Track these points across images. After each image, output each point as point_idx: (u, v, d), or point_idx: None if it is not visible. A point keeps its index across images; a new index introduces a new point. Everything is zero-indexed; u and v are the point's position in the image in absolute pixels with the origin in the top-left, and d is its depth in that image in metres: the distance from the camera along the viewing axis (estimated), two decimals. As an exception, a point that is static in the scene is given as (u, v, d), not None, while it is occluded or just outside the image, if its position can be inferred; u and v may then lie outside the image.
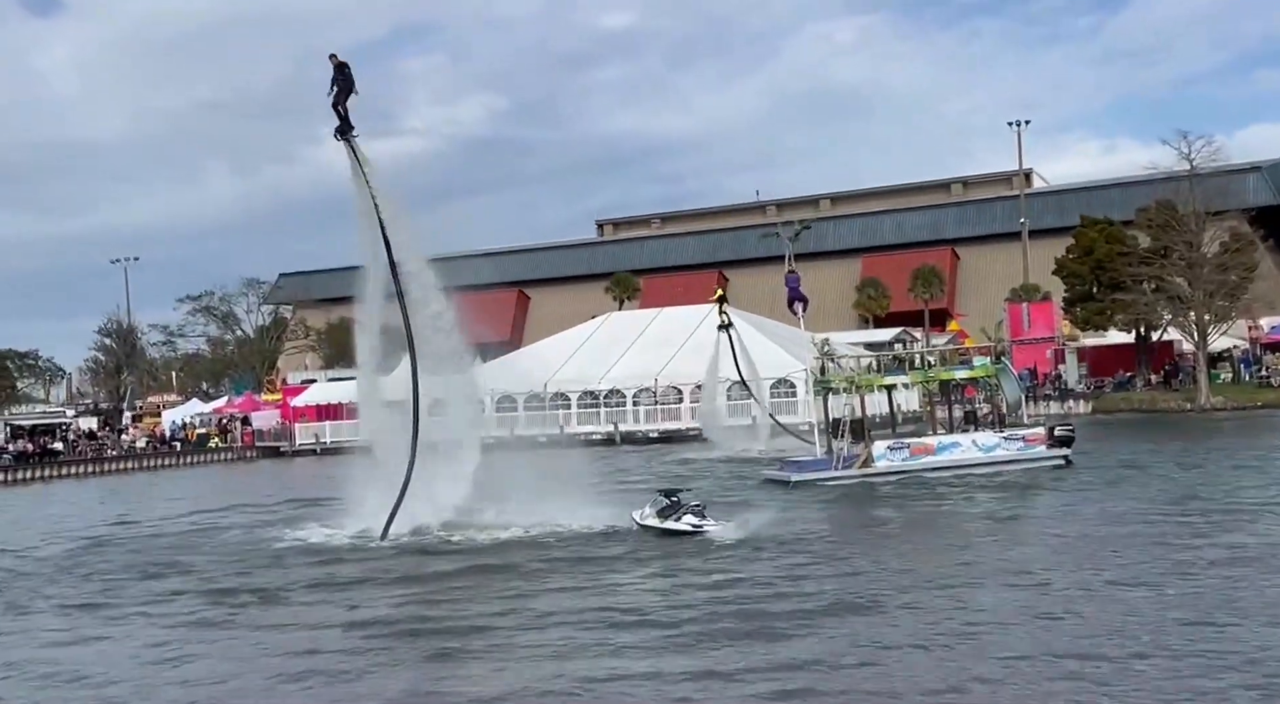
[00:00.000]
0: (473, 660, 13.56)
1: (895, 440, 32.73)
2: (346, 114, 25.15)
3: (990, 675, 11.69)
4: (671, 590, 17.05)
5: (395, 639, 14.77)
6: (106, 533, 29.02)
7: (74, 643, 15.89)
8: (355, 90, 25.25)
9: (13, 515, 37.90)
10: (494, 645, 14.23)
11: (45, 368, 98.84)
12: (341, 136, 25.29)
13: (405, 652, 14.11)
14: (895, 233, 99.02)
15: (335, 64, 25.17)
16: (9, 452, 60.20)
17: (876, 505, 26.73)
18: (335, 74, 25.10)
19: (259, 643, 15.15)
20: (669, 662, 12.80)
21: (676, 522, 22.56)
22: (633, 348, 63.69)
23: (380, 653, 14.11)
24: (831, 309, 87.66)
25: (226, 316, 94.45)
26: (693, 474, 37.36)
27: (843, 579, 17.11)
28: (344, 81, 25.08)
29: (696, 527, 22.44)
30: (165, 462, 63.93)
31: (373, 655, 13.99)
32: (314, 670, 13.29)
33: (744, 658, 12.78)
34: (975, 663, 12.15)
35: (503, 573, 19.22)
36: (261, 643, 15.13)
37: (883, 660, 12.52)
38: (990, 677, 11.65)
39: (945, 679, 11.58)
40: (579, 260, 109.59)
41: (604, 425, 60.70)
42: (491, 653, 13.83)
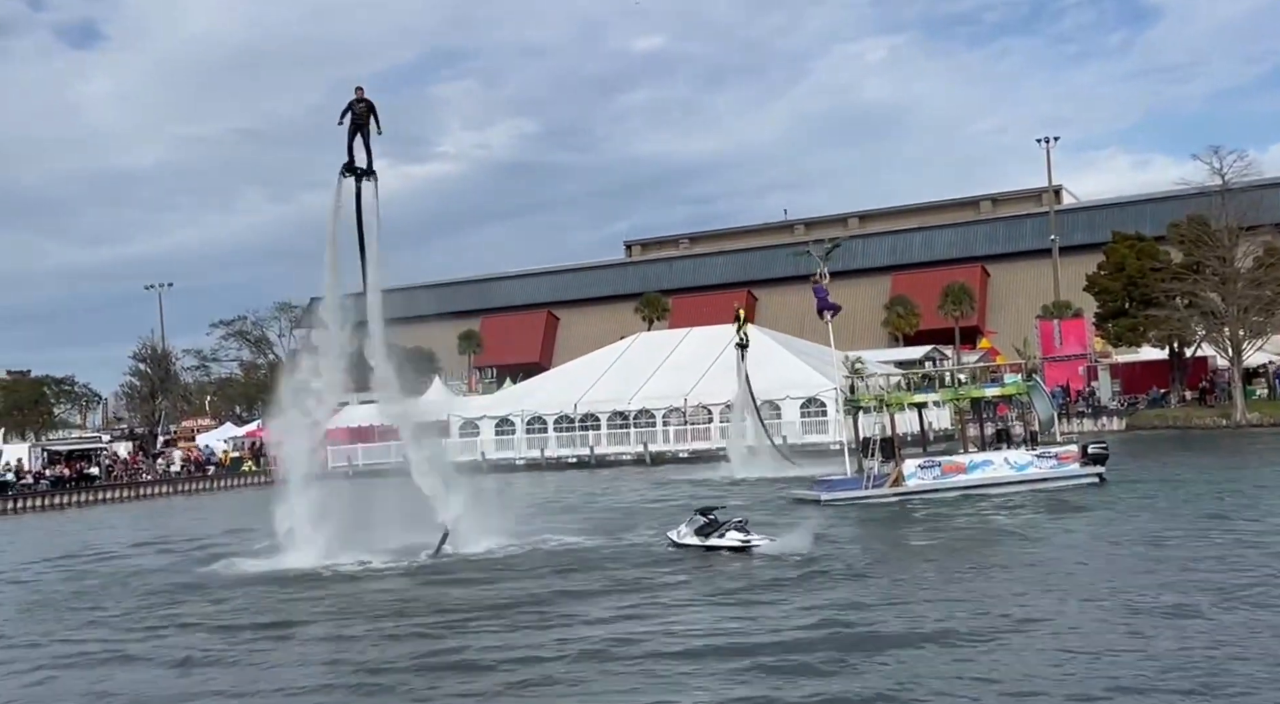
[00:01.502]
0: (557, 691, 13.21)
1: (926, 459, 32.56)
2: (369, 157, 25.30)
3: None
4: (741, 618, 16.50)
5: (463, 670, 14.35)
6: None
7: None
8: (380, 130, 25.45)
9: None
10: (570, 675, 13.60)
11: (81, 393, 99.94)
12: (356, 177, 25.24)
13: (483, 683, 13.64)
14: (925, 250, 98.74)
15: (362, 100, 25.20)
16: (46, 477, 60.84)
17: (912, 525, 26.55)
18: (359, 109, 25.12)
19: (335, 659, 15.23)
20: (748, 690, 12.46)
21: (720, 538, 22.59)
22: (662, 368, 63.71)
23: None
24: (861, 327, 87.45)
25: (259, 341, 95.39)
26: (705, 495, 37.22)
27: (893, 607, 16.69)
28: (372, 120, 25.21)
29: (745, 542, 22.48)
30: (200, 486, 64.46)
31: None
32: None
33: (814, 687, 12.46)
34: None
35: (550, 600, 18.63)
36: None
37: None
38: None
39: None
40: (608, 281, 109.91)
41: (634, 446, 60.69)
42: (572, 684, 13.27)
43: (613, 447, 61.32)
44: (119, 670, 15.58)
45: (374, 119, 25.46)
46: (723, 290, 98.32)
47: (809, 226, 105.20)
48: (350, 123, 25.28)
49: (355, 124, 25.30)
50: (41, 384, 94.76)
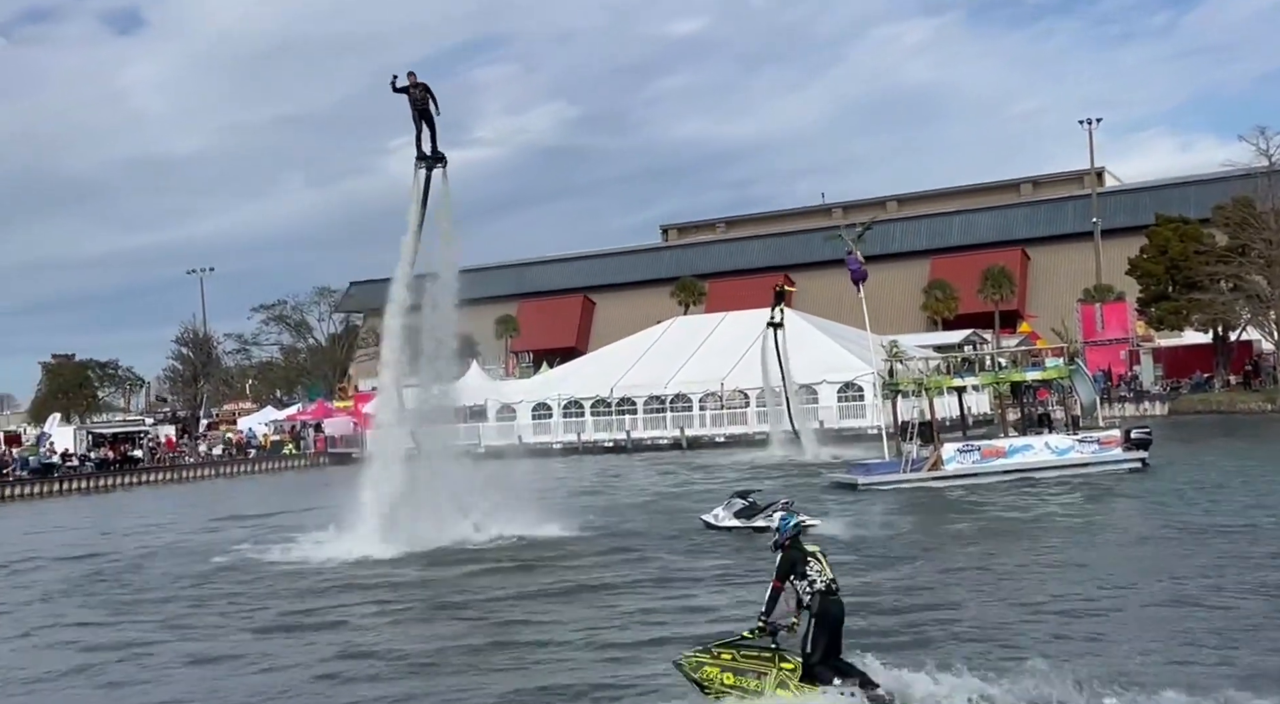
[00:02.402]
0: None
1: (965, 443, 32.35)
2: (434, 144, 25.42)
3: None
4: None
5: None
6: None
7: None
8: (438, 110, 25.52)
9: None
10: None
11: (125, 377, 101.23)
12: (428, 166, 25.40)
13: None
14: (964, 234, 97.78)
15: (416, 84, 25.16)
16: (91, 460, 61.76)
17: (951, 510, 26.37)
18: (417, 95, 25.10)
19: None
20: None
21: (767, 519, 22.64)
22: (699, 352, 63.64)
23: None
24: (899, 311, 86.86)
25: (299, 325, 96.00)
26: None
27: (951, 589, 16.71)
28: (431, 103, 25.21)
29: (818, 521, 22.60)
30: (240, 468, 65.17)
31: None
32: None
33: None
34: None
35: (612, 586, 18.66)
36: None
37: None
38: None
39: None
40: (644, 265, 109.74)
41: (670, 430, 60.72)
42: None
43: (649, 431, 61.38)
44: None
45: (432, 100, 25.50)
46: (759, 274, 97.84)
47: (847, 210, 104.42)
48: (413, 111, 25.32)
49: (418, 111, 25.31)
50: (86, 368, 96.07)
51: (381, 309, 27.05)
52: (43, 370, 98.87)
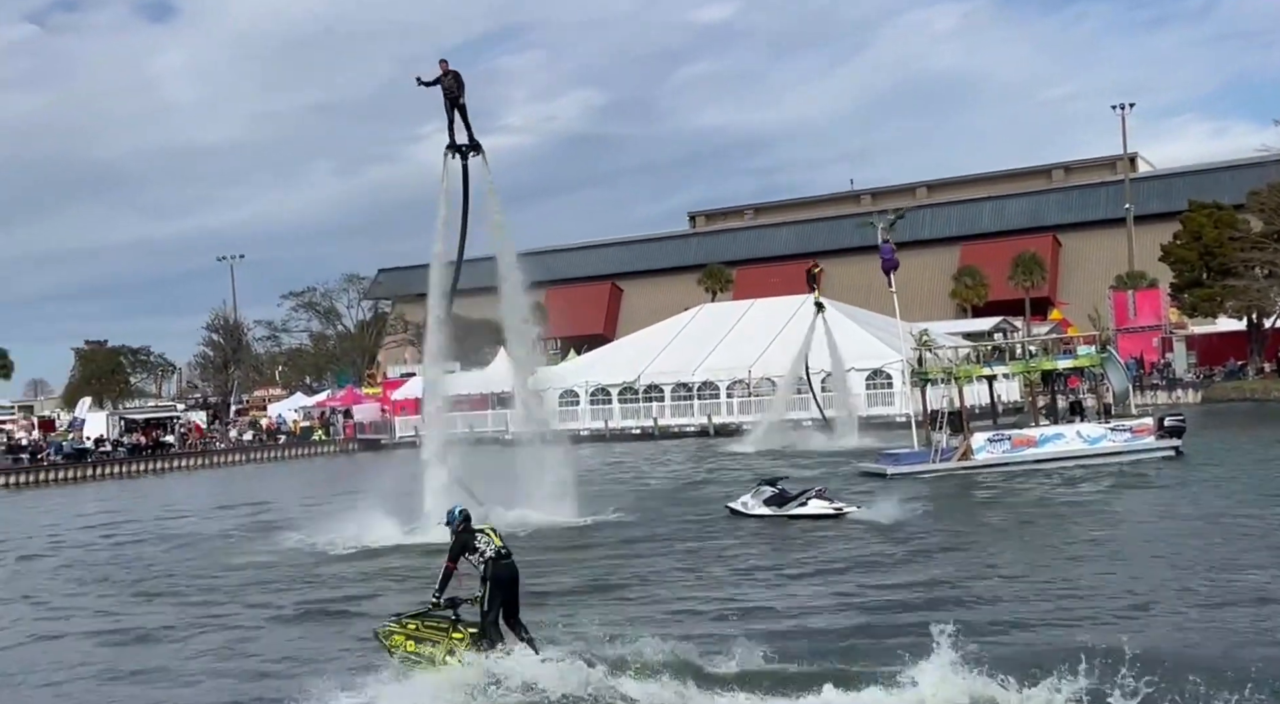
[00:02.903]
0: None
1: (996, 432, 32.08)
2: (470, 133, 25.24)
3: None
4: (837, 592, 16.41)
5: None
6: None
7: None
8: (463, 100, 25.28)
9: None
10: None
11: (157, 363, 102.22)
12: (463, 155, 25.23)
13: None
14: (994, 220, 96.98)
15: (448, 73, 24.94)
16: (123, 445, 62.37)
17: (981, 499, 26.19)
18: (449, 83, 24.89)
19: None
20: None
21: (802, 506, 22.64)
22: (726, 339, 63.48)
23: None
24: (928, 298, 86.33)
25: (328, 312, 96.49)
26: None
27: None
28: (459, 94, 24.99)
29: (838, 509, 22.63)
30: (270, 454, 65.67)
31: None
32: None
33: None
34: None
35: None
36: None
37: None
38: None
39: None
40: (671, 252, 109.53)
41: (698, 417, 60.63)
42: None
43: (676, 418, 61.32)
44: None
45: (460, 88, 25.24)
46: (787, 261, 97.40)
47: (875, 197, 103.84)
48: (445, 100, 25.07)
49: (450, 99, 25.05)
50: (118, 354, 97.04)
51: (409, 296, 27.21)
52: (76, 356, 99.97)
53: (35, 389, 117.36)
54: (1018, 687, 10.41)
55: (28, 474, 54.35)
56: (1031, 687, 10.40)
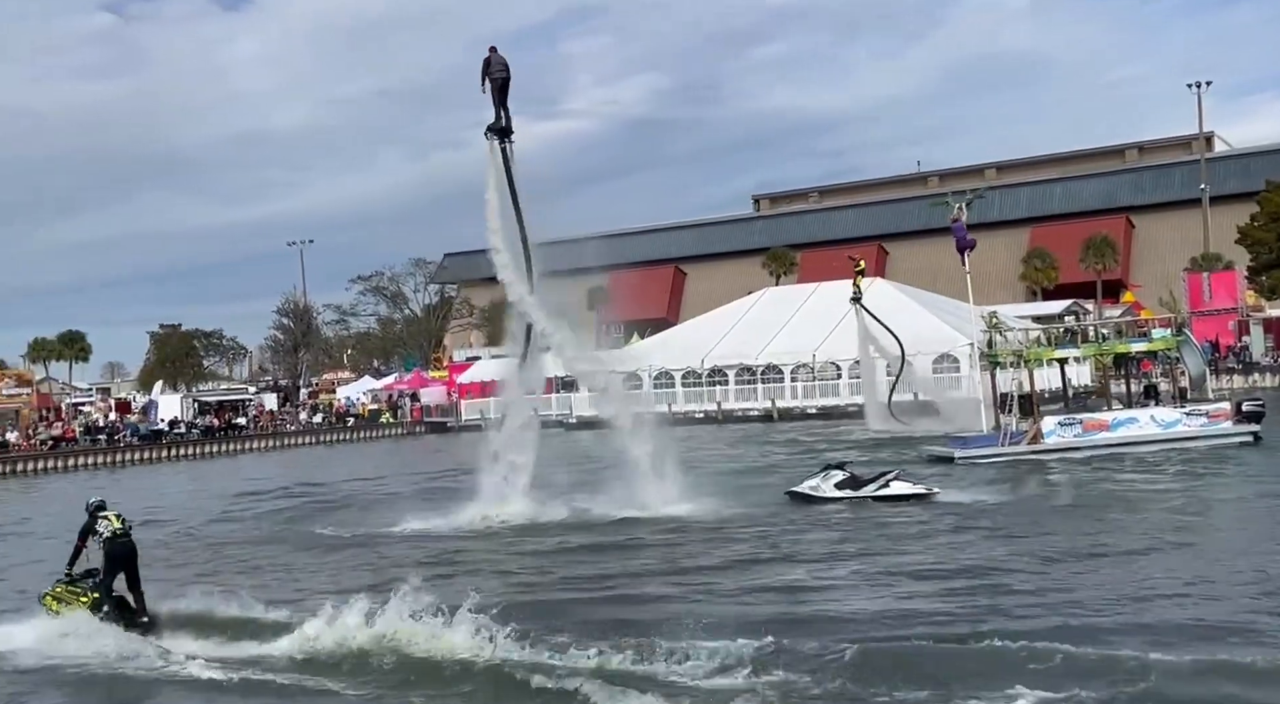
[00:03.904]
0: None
1: (1067, 416, 31.58)
2: (508, 117, 25.13)
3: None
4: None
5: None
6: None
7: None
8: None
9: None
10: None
11: (229, 347, 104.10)
12: (499, 138, 25.14)
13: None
14: (1065, 201, 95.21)
15: (496, 58, 24.88)
16: (197, 427, 63.73)
17: (1051, 484, 25.76)
18: (498, 69, 24.81)
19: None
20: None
21: (884, 488, 22.56)
22: (790, 323, 63.10)
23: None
24: (997, 281, 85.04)
25: (395, 296, 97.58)
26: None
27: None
28: (496, 76, 24.88)
29: (927, 490, 22.81)
30: (339, 436, 66.68)
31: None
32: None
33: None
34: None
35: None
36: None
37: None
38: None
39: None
40: (735, 236, 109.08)
41: (761, 402, 60.40)
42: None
43: (740, 402, 61.14)
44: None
45: (505, 70, 25.20)
46: (853, 244, 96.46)
47: (943, 178, 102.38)
48: (492, 84, 25.04)
49: (497, 84, 25.02)
50: (191, 337, 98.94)
51: (475, 280, 27.20)
52: (150, 340, 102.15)
53: (112, 372, 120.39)
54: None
55: (105, 455, 55.78)
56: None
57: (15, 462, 52.13)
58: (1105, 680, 10.35)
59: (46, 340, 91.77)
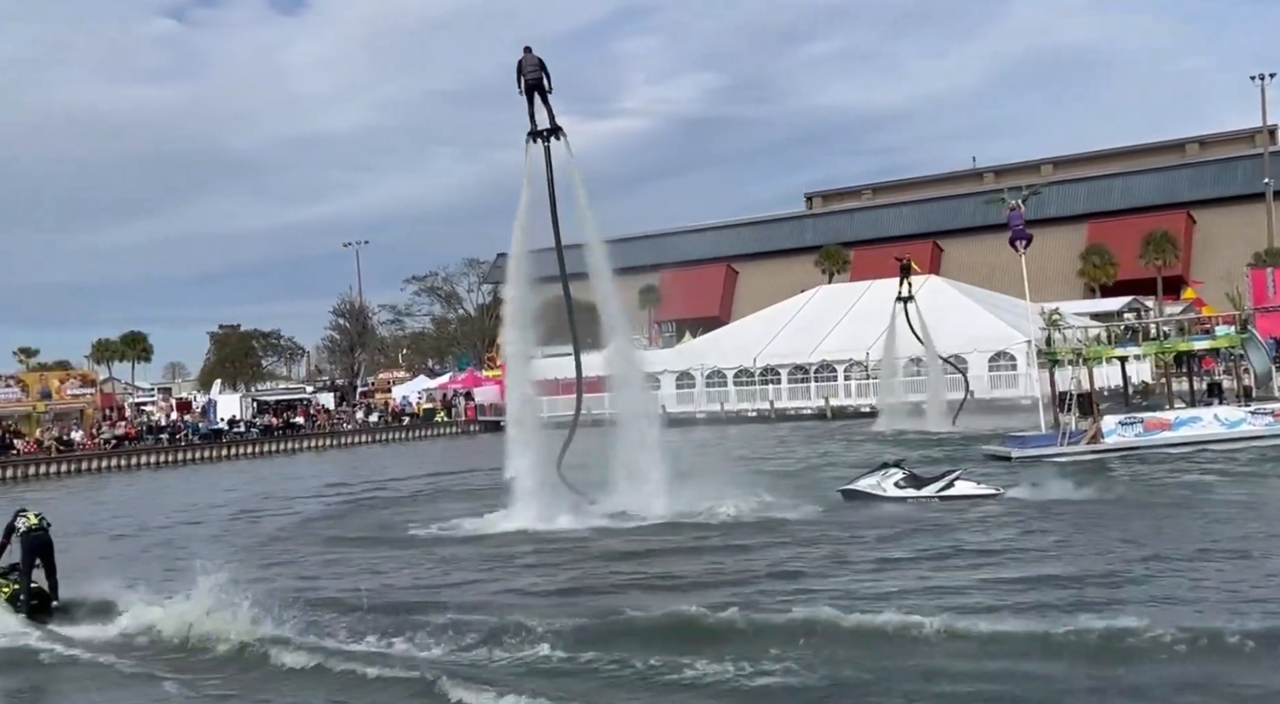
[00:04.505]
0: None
1: (1127, 415, 31.09)
2: (552, 118, 24.95)
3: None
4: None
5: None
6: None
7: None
8: (550, 86, 24.97)
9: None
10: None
11: (287, 347, 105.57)
12: (545, 140, 24.95)
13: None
14: (1124, 197, 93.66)
15: (528, 59, 24.69)
16: (256, 425, 64.67)
17: (1113, 484, 25.39)
18: (530, 70, 24.61)
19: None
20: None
21: (949, 487, 22.43)
22: (843, 321, 62.77)
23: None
24: (1054, 278, 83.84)
25: (449, 296, 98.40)
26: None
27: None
28: (531, 77, 24.71)
29: (997, 490, 22.75)
30: (395, 435, 67.32)
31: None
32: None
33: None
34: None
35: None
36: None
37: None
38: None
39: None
40: (788, 234, 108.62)
41: (814, 400, 60.14)
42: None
43: (792, 401, 60.95)
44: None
45: (546, 76, 25.00)
46: (906, 242, 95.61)
47: (999, 174, 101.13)
48: (525, 85, 24.87)
49: (530, 85, 24.86)
50: (250, 337, 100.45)
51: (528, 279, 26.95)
52: (210, 340, 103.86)
53: (173, 372, 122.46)
54: None
55: (167, 454, 56.79)
56: None
57: (80, 460, 53.24)
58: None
59: (110, 341, 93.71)
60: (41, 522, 16.06)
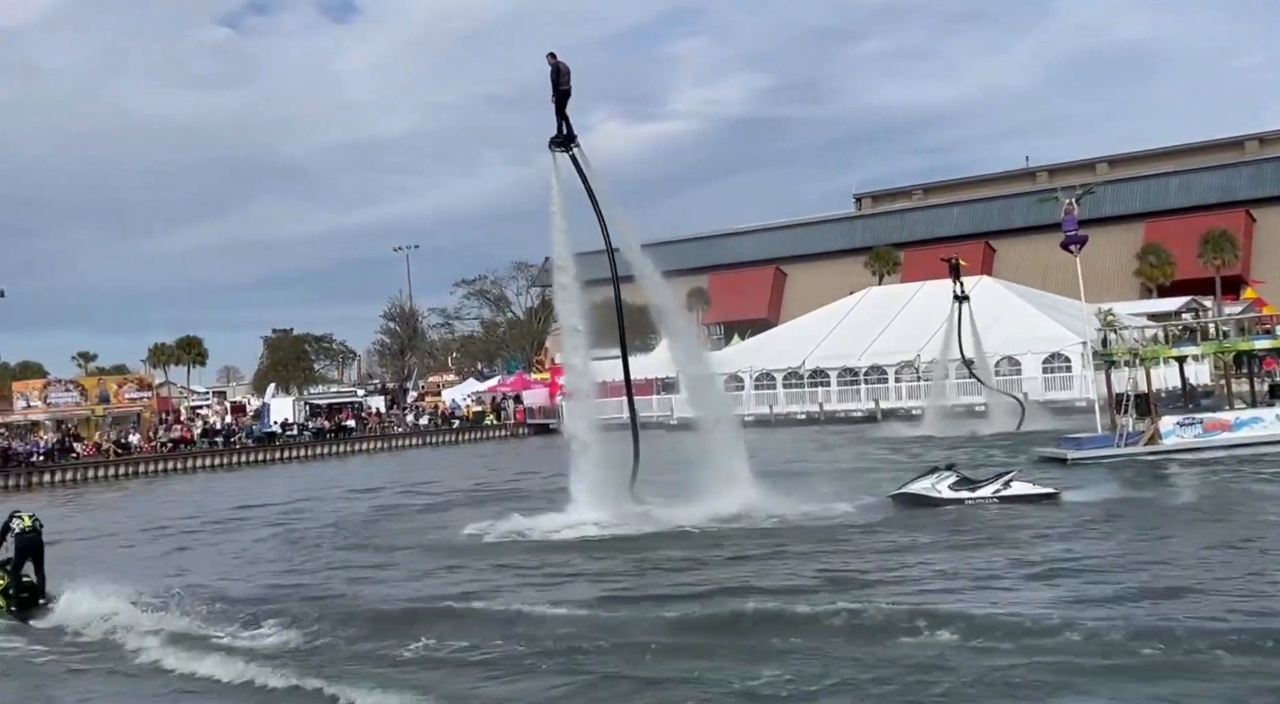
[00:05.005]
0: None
1: (1186, 416, 30.48)
2: (570, 125, 24.80)
3: None
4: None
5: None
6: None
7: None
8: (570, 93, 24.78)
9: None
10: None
11: (339, 350, 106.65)
12: (562, 148, 24.81)
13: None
14: (1182, 195, 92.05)
15: (554, 65, 24.50)
16: (308, 429, 65.30)
17: (1174, 486, 24.87)
18: (555, 77, 24.45)
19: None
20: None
21: (1006, 488, 22.22)
22: (893, 323, 62.20)
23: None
24: (1109, 278, 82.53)
25: (498, 299, 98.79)
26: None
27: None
28: (565, 87, 24.57)
29: (1054, 490, 22.52)
30: (445, 438, 67.67)
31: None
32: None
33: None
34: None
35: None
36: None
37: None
38: None
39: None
40: (837, 235, 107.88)
41: (864, 403, 59.63)
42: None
43: (842, 403, 60.46)
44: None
45: (567, 78, 24.75)
46: (958, 243, 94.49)
47: (1053, 174, 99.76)
48: (554, 92, 24.65)
49: (561, 92, 24.67)
50: (302, 341, 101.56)
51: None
52: (264, 344, 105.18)
53: (228, 375, 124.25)
54: None
55: (221, 456, 57.54)
56: None
57: (138, 463, 54.08)
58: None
59: (166, 345, 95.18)
60: (35, 523, 17.47)
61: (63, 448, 53.77)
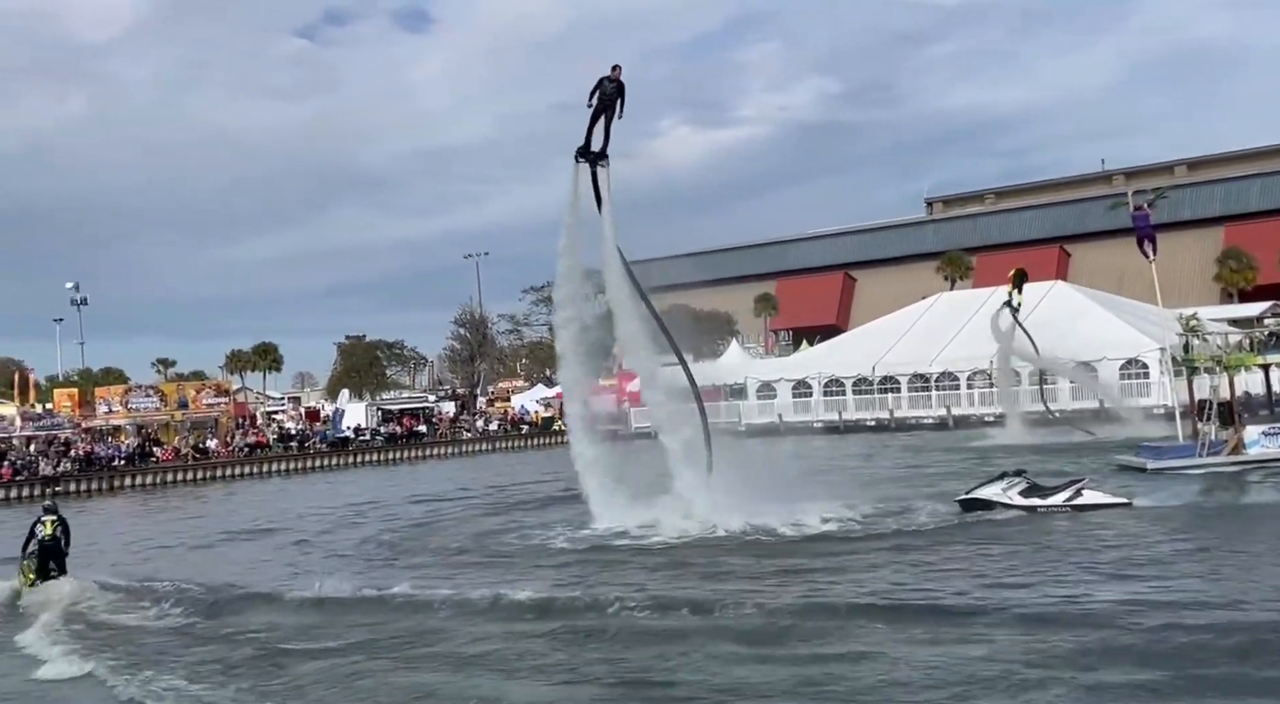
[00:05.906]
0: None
1: (1272, 425, 29.62)
2: (607, 141, 24.82)
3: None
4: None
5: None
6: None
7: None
8: (621, 114, 24.74)
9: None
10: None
11: (410, 356, 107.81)
12: (591, 161, 25.02)
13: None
14: (1264, 198, 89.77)
15: (614, 80, 24.38)
16: (380, 434, 66.16)
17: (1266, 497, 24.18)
18: (609, 89, 24.36)
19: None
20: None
21: (1078, 496, 21.97)
22: (965, 329, 61.32)
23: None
24: (1188, 283, 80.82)
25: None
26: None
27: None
28: (618, 103, 24.51)
29: (1127, 499, 22.39)
30: (514, 443, 68.12)
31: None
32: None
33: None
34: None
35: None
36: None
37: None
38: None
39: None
40: (908, 240, 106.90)
41: (935, 409, 58.91)
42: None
43: (913, 410, 59.81)
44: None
45: (620, 102, 24.64)
46: (1031, 247, 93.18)
47: (1129, 177, 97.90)
48: (597, 103, 24.49)
49: (603, 104, 24.52)
50: (375, 348, 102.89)
51: (640, 289, 27.10)
52: (337, 350, 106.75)
53: (302, 381, 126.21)
54: None
55: (297, 461, 58.51)
56: None
57: (215, 468, 55.22)
58: None
59: (242, 352, 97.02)
60: (55, 531, 19.65)
61: (143, 452, 55.08)
